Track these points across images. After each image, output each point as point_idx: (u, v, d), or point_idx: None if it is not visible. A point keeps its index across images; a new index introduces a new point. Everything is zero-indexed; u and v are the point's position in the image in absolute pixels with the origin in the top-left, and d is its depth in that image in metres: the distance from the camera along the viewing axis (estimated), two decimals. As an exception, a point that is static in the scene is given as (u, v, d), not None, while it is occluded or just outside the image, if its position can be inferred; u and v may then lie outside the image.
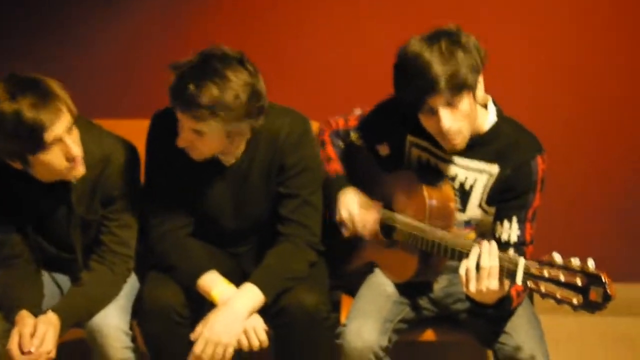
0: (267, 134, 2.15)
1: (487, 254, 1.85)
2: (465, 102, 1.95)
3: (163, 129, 2.16)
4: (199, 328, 2.07)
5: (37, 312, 2.09)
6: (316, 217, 2.24)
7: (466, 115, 1.97)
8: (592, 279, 1.64)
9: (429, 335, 2.30)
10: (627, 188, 3.11)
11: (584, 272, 1.66)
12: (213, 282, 2.13)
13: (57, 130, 1.95)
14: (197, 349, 2.04)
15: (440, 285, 2.26)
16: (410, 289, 2.22)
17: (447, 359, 2.84)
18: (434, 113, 1.95)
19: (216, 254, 2.32)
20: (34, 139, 1.93)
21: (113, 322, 2.12)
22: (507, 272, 1.81)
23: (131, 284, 2.26)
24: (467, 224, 2.15)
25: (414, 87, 1.92)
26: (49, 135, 1.94)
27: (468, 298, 1.95)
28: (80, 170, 2.06)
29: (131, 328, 2.17)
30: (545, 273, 1.72)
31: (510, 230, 2.04)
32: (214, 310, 2.09)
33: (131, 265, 2.25)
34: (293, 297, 2.11)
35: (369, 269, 2.33)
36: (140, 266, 2.28)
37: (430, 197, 2.09)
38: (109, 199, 2.19)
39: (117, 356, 2.12)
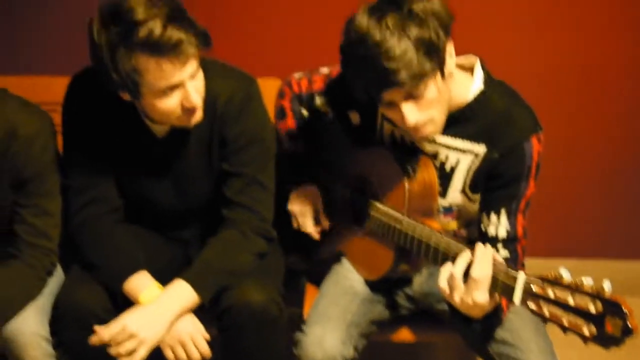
0: (205, 99, 1.79)
1: (480, 262, 1.56)
2: (431, 89, 1.63)
3: (83, 94, 1.84)
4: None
5: None
6: (266, 199, 1.92)
7: (435, 101, 1.65)
8: (608, 307, 1.35)
9: (405, 334, 2.03)
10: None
11: (599, 296, 1.36)
12: (142, 285, 1.81)
13: None
14: (107, 332, 1.72)
15: (420, 280, 1.99)
16: (385, 284, 1.96)
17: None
18: (395, 106, 1.66)
19: (155, 241, 2.02)
20: None
21: (30, 328, 1.80)
22: (502, 287, 1.54)
23: (56, 281, 1.93)
24: (448, 210, 1.87)
25: (364, 81, 1.62)
26: None
27: (450, 306, 1.67)
28: None
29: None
30: (550, 293, 1.44)
31: (498, 224, 1.75)
32: (139, 305, 1.79)
33: (54, 260, 1.92)
34: (238, 296, 1.81)
35: (337, 258, 2.06)
36: (67, 258, 1.95)
37: (410, 183, 1.82)
38: (19, 182, 1.83)
39: None
